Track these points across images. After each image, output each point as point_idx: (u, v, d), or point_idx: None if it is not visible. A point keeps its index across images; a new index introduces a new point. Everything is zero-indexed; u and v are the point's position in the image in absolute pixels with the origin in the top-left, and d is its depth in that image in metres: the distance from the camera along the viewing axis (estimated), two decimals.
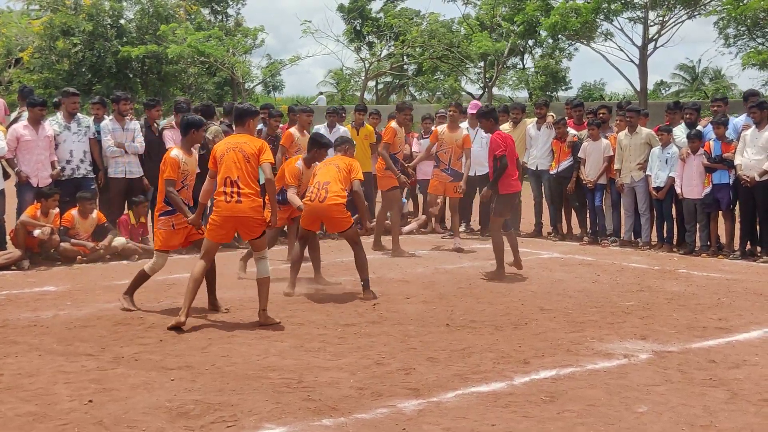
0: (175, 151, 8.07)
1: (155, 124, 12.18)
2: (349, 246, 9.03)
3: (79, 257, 10.96)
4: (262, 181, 7.72)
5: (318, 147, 9.67)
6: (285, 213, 9.77)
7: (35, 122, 11.17)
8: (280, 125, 13.05)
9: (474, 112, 12.86)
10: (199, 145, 8.66)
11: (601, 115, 13.17)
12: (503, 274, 9.94)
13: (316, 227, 9.31)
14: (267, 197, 7.84)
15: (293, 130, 12.26)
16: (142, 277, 8.23)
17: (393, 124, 12.47)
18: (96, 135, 11.70)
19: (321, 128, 13.84)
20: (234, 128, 8.06)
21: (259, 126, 13.02)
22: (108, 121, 11.77)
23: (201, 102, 20.58)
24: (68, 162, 11.43)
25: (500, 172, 9.86)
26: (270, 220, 7.86)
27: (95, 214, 11.25)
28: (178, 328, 7.25)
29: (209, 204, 8.41)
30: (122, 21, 38.24)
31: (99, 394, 5.49)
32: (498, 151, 9.86)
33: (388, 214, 12.33)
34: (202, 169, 8.88)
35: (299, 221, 9.27)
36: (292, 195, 9.42)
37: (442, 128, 12.63)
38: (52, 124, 11.49)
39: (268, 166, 7.65)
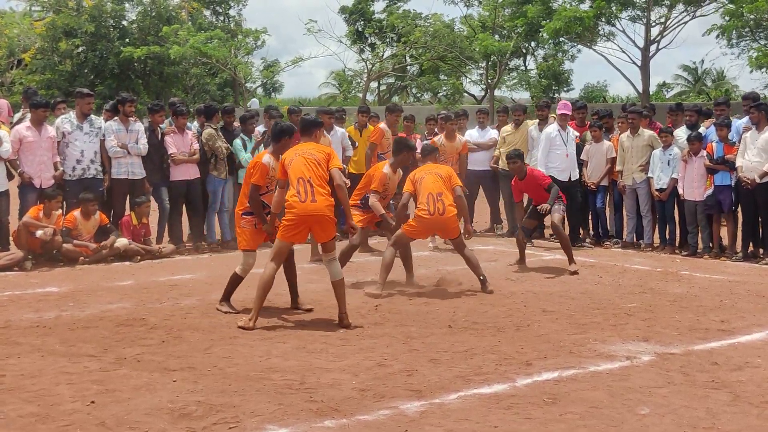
0: (266, 158, 8.05)
1: (158, 129, 12.19)
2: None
3: (82, 258, 10.96)
4: None
5: (407, 150, 9.76)
6: (364, 216, 9.79)
7: (38, 123, 11.18)
8: None
9: (566, 112, 12.62)
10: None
11: (604, 123, 13.16)
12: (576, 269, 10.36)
13: (426, 237, 9.47)
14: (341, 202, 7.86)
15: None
16: (235, 281, 8.17)
17: (382, 125, 12.64)
18: (104, 137, 11.71)
19: None
20: (301, 138, 8.11)
21: (260, 127, 13.04)
22: (112, 122, 11.77)
23: (203, 103, 20.59)
24: (78, 162, 11.43)
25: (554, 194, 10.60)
26: (350, 225, 7.97)
27: (98, 215, 11.25)
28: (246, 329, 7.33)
29: None
30: (124, 22, 38.32)
31: (101, 395, 5.50)
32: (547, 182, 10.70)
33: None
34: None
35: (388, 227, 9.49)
36: (374, 201, 9.49)
37: (440, 139, 12.73)
38: (64, 122, 11.50)
39: (338, 172, 7.73)
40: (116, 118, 11.82)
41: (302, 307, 8.18)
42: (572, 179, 12.52)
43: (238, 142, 12.25)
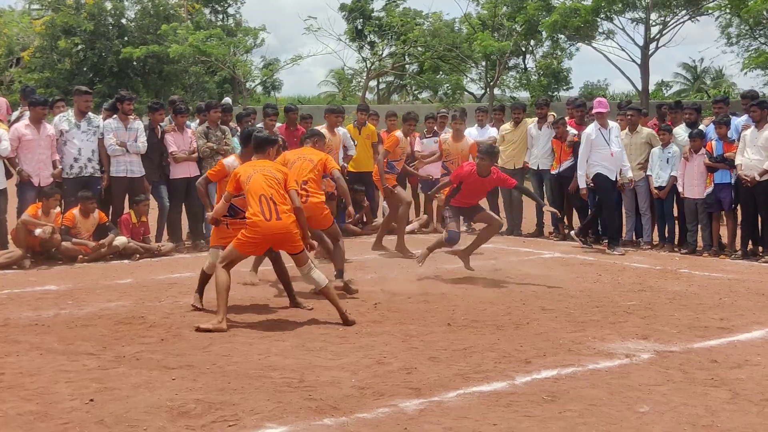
0: (230, 159, 8.17)
1: (158, 127, 12.19)
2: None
3: (81, 256, 10.97)
4: None
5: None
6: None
7: (37, 122, 11.18)
8: (277, 124, 13.03)
9: (601, 110, 11.93)
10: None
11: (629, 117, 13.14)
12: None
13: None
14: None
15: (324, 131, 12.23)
16: (204, 278, 8.22)
17: (398, 133, 12.52)
18: (101, 135, 11.70)
19: (322, 128, 13.81)
20: (255, 155, 8.07)
21: (259, 125, 13.04)
22: (111, 120, 11.77)
23: (201, 101, 20.58)
24: (76, 160, 11.43)
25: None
26: (309, 244, 7.99)
27: (96, 213, 11.25)
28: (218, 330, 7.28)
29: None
30: (124, 20, 38.27)
31: (100, 393, 5.49)
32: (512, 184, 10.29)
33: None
34: None
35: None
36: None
37: (446, 139, 12.62)
38: (62, 120, 11.50)
39: (295, 194, 7.82)
40: (115, 116, 11.82)
41: (302, 306, 8.17)
42: (623, 176, 12.15)
43: (236, 140, 12.26)
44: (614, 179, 12.03)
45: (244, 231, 7.56)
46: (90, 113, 11.77)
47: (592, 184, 12.13)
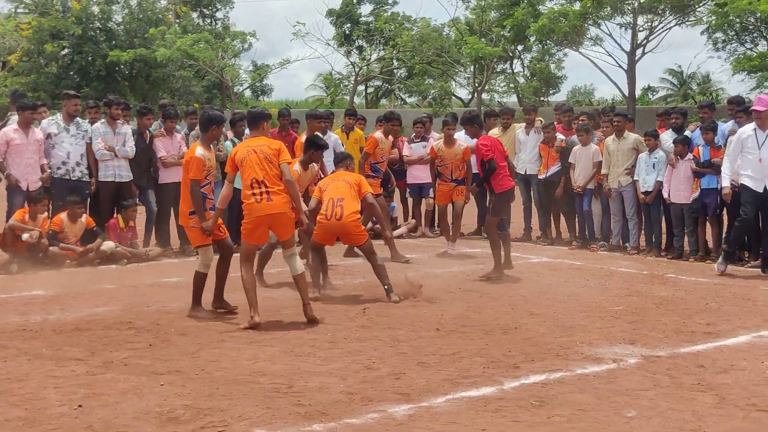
0: (199, 150, 7.97)
1: (147, 132, 12.17)
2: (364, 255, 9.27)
3: (68, 261, 10.93)
4: None
5: (315, 148, 9.68)
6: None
7: (25, 126, 11.14)
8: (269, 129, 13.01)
9: (761, 108, 10.37)
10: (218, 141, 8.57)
11: (581, 121, 13.26)
12: (501, 275, 10.06)
13: (332, 243, 9.37)
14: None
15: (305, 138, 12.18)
16: (200, 280, 8.14)
17: (377, 134, 12.56)
18: (89, 140, 11.67)
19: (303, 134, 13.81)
20: (249, 131, 8.08)
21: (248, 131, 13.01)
22: (99, 125, 11.76)
23: (189, 106, 20.56)
24: (64, 164, 11.41)
25: (488, 174, 10.09)
26: (299, 220, 7.93)
27: (84, 218, 11.22)
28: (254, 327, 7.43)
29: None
30: (111, 24, 38.16)
31: (88, 399, 5.48)
32: (486, 156, 10.03)
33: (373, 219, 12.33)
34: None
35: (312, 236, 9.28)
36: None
37: (438, 145, 12.65)
38: (51, 124, 11.48)
39: (287, 167, 7.74)
40: (103, 120, 11.80)
41: (226, 307, 8.22)
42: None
43: (228, 144, 12.25)
44: (759, 191, 10.47)
45: (243, 219, 7.66)
46: (78, 117, 11.74)
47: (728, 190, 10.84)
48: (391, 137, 12.92)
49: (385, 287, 8.89)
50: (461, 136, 13.80)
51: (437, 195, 12.88)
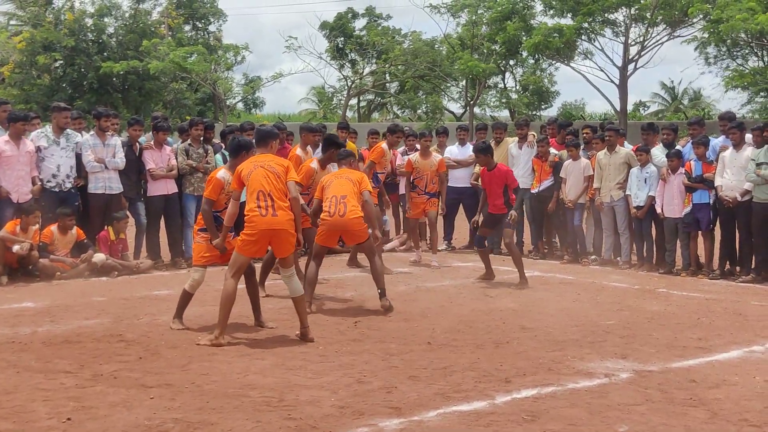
0: (221, 172, 8.01)
1: (137, 144, 12.15)
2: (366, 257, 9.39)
3: (58, 273, 10.88)
4: None
5: (335, 147, 9.73)
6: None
7: (16, 137, 11.09)
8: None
9: None
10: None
11: (584, 136, 13.33)
12: (526, 282, 10.61)
13: (334, 243, 9.34)
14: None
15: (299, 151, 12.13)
16: (185, 297, 8.09)
17: (383, 145, 12.85)
18: (80, 150, 11.63)
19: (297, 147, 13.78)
20: (257, 149, 8.03)
21: None
22: (89, 137, 11.73)
23: (180, 118, 20.54)
24: (54, 176, 11.36)
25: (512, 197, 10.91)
26: (298, 240, 7.83)
27: (75, 230, 11.18)
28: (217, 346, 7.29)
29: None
30: (104, 36, 38.16)
31: (78, 412, 5.44)
32: (514, 185, 10.95)
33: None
34: None
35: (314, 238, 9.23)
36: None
37: (415, 157, 12.81)
38: (40, 136, 11.43)
39: (294, 185, 7.69)
40: (92, 132, 11.78)
41: (266, 326, 8.13)
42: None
43: (218, 157, 12.25)
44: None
45: (244, 231, 7.56)
46: (68, 129, 11.70)
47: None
48: (393, 150, 13.17)
49: (379, 291, 8.92)
50: (453, 151, 13.96)
51: (411, 207, 12.93)
